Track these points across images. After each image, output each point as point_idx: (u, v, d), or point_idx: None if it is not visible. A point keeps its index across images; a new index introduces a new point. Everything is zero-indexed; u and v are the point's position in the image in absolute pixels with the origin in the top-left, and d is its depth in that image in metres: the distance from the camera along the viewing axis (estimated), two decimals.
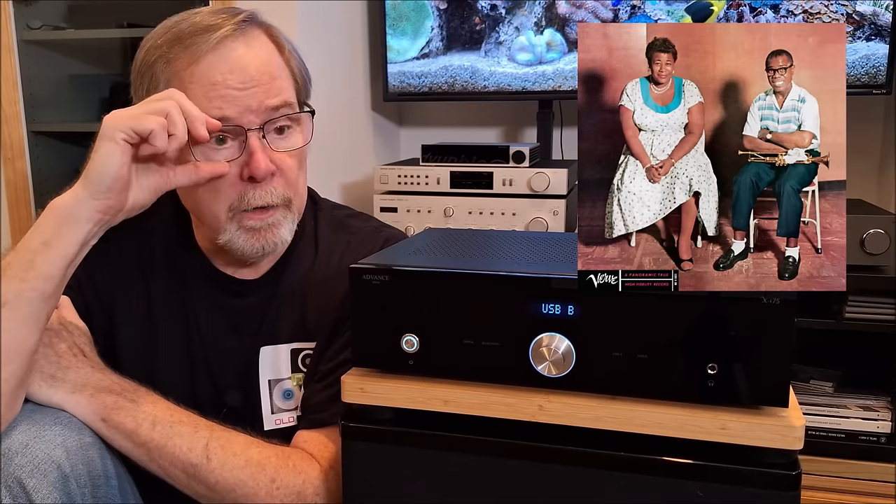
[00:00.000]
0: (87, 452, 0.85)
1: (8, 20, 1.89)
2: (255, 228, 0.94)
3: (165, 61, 0.91)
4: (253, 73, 0.90)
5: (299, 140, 0.97)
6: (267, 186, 0.93)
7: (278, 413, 1.03)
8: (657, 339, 0.75)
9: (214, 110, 0.88)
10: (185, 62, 0.90)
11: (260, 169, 0.90)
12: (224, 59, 0.90)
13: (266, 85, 0.91)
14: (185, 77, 0.90)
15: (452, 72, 1.97)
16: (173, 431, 0.89)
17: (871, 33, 1.71)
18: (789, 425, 0.72)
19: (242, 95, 0.90)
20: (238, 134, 0.91)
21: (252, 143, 0.91)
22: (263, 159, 0.91)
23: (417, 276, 0.81)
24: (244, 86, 0.90)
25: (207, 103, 0.89)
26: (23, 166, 1.97)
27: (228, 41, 0.90)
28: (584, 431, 0.77)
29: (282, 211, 0.96)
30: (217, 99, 0.89)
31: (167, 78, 0.91)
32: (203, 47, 0.89)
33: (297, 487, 0.90)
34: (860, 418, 1.62)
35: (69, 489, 0.81)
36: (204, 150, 0.90)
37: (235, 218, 0.94)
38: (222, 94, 0.89)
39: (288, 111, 0.94)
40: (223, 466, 0.88)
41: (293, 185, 0.97)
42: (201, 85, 0.89)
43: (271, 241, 0.95)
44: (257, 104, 0.91)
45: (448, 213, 1.75)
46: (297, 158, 0.97)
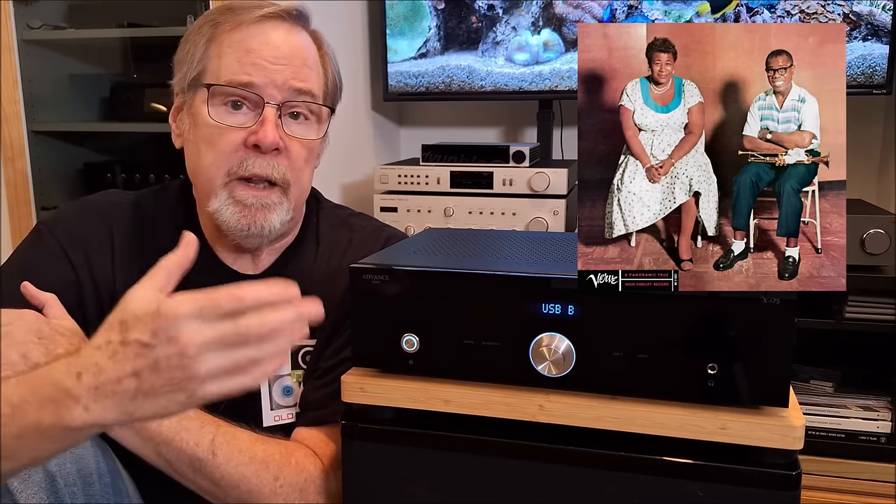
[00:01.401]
0: (76, 450, 0.84)
1: (8, 20, 1.89)
2: (246, 204, 0.94)
3: (213, 24, 0.96)
4: (286, 52, 0.95)
5: (313, 133, 0.99)
6: (270, 159, 0.94)
7: (277, 409, 1.03)
8: (657, 339, 0.75)
9: (243, 75, 0.93)
10: (228, 27, 0.95)
11: (267, 138, 0.92)
12: (264, 34, 0.95)
13: (296, 68, 0.95)
14: (225, 40, 0.95)
15: (449, 72, 1.97)
16: (180, 426, 0.88)
17: (868, 33, 1.71)
18: (789, 425, 0.72)
19: (271, 68, 0.94)
20: (257, 105, 0.94)
21: (266, 114, 0.93)
22: (272, 131, 0.93)
23: (417, 275, 0.81)
24: (275, 61, 0.94)
25: (238, 68, 0.93)
26: (23, 166, 1.97)
27: (273, 20, 0.96)
28: (585, 431, 0.77)
29: (278, 195, 0.96)
30: (248, 65, 0.93)
31: (209, 38, 0.96)
32: (248, 17, 0.95)
33: (299, 485, 0.91)
34: (860, 418, 1.62)
35: (56, 489, 0.81)
36: (218, 109, 0.94)
37: (229, 185, 0.94)
38: (254, 61, 0.93)
39: (309, 99, 0.97)
40: (228, 462, 0.89)
41: (297, 171, 0.97)
42: (236, 50, 0.94)
43: (259, 222, 0.95)
44: (283, 81, 0.94)
45: (448, 212, 1.75)
46: (307, 150, 0.98)
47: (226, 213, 0.95)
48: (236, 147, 0.94)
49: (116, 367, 0.64)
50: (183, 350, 0.63)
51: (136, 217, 1.04)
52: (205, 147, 0.95)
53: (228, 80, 0.94)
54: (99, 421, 0.65)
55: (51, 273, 0.97)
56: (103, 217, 1.03)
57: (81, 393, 0.65)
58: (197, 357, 0.63)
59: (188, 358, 0.63)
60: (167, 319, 0.63)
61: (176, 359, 0.63)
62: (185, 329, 0.63)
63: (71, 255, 0.99)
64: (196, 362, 0.63)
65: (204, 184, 0.97)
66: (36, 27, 1.95)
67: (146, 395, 0.64)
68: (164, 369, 0.63)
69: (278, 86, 0.94)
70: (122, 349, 0.64)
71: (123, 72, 2.14)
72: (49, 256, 0.99)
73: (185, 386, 0.64)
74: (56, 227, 1.01)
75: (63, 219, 1.03)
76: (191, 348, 0.62)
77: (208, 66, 0.96)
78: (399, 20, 1.97)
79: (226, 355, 0.64)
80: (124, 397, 0.64)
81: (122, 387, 0.64)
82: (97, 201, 1.05)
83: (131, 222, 1.03)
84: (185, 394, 0.64)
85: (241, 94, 0.93)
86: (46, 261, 0.99)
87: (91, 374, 0.65)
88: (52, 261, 0.99)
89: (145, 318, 0.64)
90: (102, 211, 1.03)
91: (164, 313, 0.63)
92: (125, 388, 0.64)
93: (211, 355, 0.63)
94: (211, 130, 0.94)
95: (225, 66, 0.94)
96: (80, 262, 0.99)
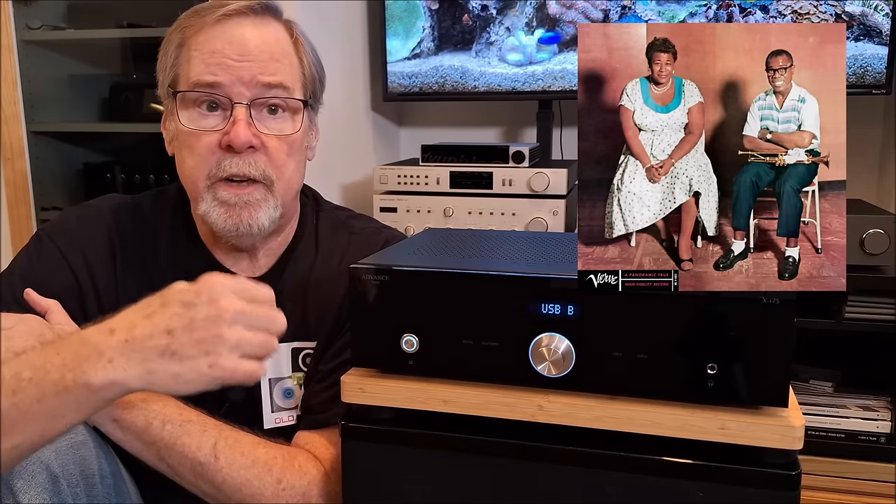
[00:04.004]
0: (79, 451, 0.84)
1: (8, 20, 1.89)
2: (230, 204, 0.94)
3: (181, 30, 0.97)
4: (251, 48, 0.94)
5: (289, 127, 0.98)
6: (247, 157, 0.94)
7: (278, 412, 1.03)
8: (657, 339, 0.75)
9: (209, 76, 0.93)
10: (194, 30, 0.96)
11: (238, 138, 0.92)
12: (228, 32, 0.94)
13: (263, 62, 0.94)
14: (192, 44, 0.95)
15: (443, 72, 1.97)
16: (182, 430, 0.89)
17: (860, 33, 1.71)
18: (789, 425, 0.72)
19: (237, 66, 0.93)
20: (226, 106, 0.94)
21: (236, 114, 0.93)
22: (244, 130, 0.93)
23: (417, 276, 0.81)
24: (241, 58, 0.93)
25: (204, 69, 0.93)
26: (22, 166, 1.97)
27: (238, 18, 0.95)
28: (584, 431, 0.77)
29: (261, 191, 0.95)
30: (213, 66, 0.93)
31: (178, 43, 0.97)
32: (210, 18, 0.95)
33: (302, 489, 0.91)
34: (860, 418, 1.62)
35: (59, 489, 0.81)
36: (191, 114, 0.94)
37: (212, 188, 0.95)
38: (219, 61, 0.93)
39: (281, 93, 0.96)
40: (230, 466, 0.89)
41: (278, 166, 0.96)
42: (202, 52, 0.94)
43: (246, 220, 0.95)
44: (250, 77, 0.93)
45: (448, 213, 1.75)
46: (286, 144, 0.97)
47: (213, 214, 0.95)
48: (212, 150, 0.94)
49: (151, 323, 0.70)
50: (221, 313, 0.70)
51: (136, 220, 1.04)
52: (186, 152, 0.96)
53: (195, 83, 0.94)
54: (120, 378, 0.69)
55: (52, 279, 0.97)
56: (103, 222, 1.03)
57: (110, 346, 0.70)
58: (231, 323, 0.71)
59: (223, 321, 0.70)
60: (212, 284, 0.72)
61: (213, 320, 0.70)
62: (225, 296, 0.71)
63: (71, 261, 0.99)
64: (229, 327, 0.71)
65: (191, 188, 0.98)
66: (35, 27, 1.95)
67: (172, 356, 0.70)
68: (198, 328, 0.70)
69: (246, 82, 0.93)
70: (162, 310, 0.71)
71: (123, 72, 2.14)
72: (49, 263, 0.99)
73: (211, 350, 0.70)
74: (56, 234, 1.01)
75: (62, 225, 1.03)
76: (228, 312, 0.71)
77: (179, 73, 0.96)
78: (393, 20, 1.97)
79: (252, 332, 0.72)
80: (151, 353, 0.70)
81: (152, 342, 0.70)
82: (96, 206, 1.05)
83: (131, 226, 1.03)
84: (208, 360, 0.70)
85: (209, 96, 0.93)
86: (47, 267, 0.99)
87: (124, 329, 0.71)
88: (52, 267, 0.99)
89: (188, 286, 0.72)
90: (102, 215, 1.03)
91: (208, 280, 0.72)
92: (155, 344, 0.70)
93: (240, 327, 0.71)
94: (188, 136, 0.95)
95: (193, 69, 0.94)
96: (81, 267, 0.99)
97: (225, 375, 0.71)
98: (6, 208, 1.99)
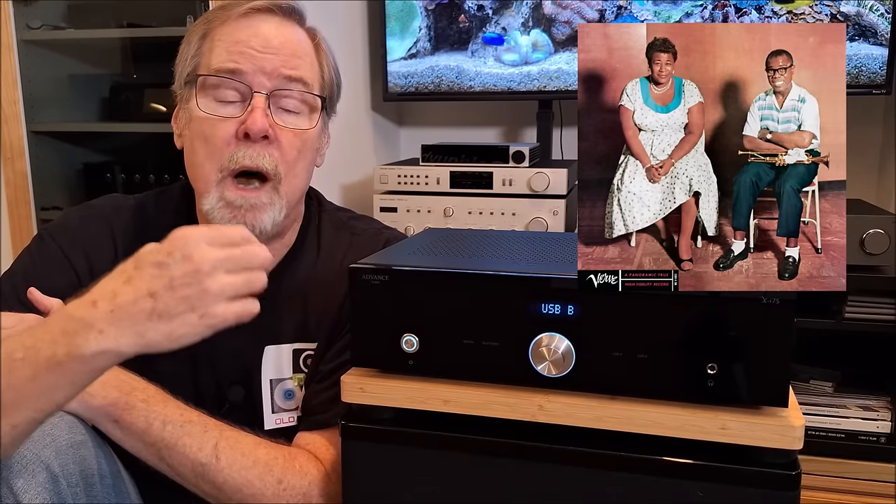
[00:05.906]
0: (79, 451, 0.84)
1: (8, 20, 1.89)
2: (237, 206, 0.94)
3: (206, 21, 0.99)
4: (275, 43, 0.95)
5: (305, 123, 0.98)
6: (260, 149, 0.94)
7: (279, 413, 1.03)
8: (657, 339, 0.75)
9: (231, 63, 0.94)
10: (219, 22, 0.97)
11: (256, 124, 0.92)
12: (253, 25, 0.96)
13: (285, 56, 0.96)
14: (216, 34, 0.96)
15: (438, 72, 1.98)
16: (183, 431, 0.88)
17: (855, 34, 1.71)
18: (789, 425, 0.72)
19: (260, 56, 0.94)
20: (246, 95, 0.94)
21: (255, 102, 0.93)
22: (261, 118, 0.93)
23: (417, 276, 0.81)
24: (265, 49, 0.95)
25: (227, 57, 0.94)
26: (22, 166, 1.97)
27: (264, 14, 0.97)
28: (584, 431, 0.77)
29: (268, 194, 0.95)
30: (236, 54, 0.94)
31: (202, 35, 0.98)
32: (236, 12, 0.96)
33: (303, 489, 0.91)
34: (860, 418, 1.62)
35: (59, 489, 0.81)
36: (209, 101, 0.94)
37: (221, 184, 0.94)
38: (241, 50, 0.94)
39: (301, 87, 0.97)
40: (231, 466, 0.89)
41: (289, 163, 0.96)
42: (225, 41, 0.95)
43: (250, 222, 0.94)
44: (272, 68, 0.94)
45: (448, 213, 1.75)
46: (300, 141, 0.97)
47: (217, 215, 0.95)
48: (228, 140, 0.93)
49: (132, 289, 0.69)
50: (198, 266, 0.69)
51: (138, 220, 1.03)
52: (198, 142, 0.95)
53: (217, 69, 0.94)
54: (112, 346, 0.69)
55: (54, 279, 0.97)
56: (105, 221, 1.03)
57: (97, 318, 0.69)
58: (211, 273, 0.69)
59: (203, 274, 0.69)
60: (182, 240, 0.69)
61: (191, 276, 0.68)
62: (198, 248, 0.69)
63: (73, 261, 0.99)
64: (210, 278, 0.69)
65: (199, 181, 0.97)
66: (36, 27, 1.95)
67: (160, 317, 0.69)
68: (179, 286, 0.68)
69: (267, 73, 0.94)
70: (137, 273, 0.70)
71: (123, 72, 2.14)
72: (51, 262, 0.99)
73: (197, 304, 0.69)
74: (58, 233, 1.01)
75: (64, 224, 1.03)
76: (205, 264, 0.69)
77: (201, 61, 0.97)
78: (390, 20, 1.97)
79: (233, 276, 0.71)
80: (139, 318, 0.68)
81: (137, 307, 0.68)
82: (98, 206, 1.05)
83: (133, 225, 1.03)
84: (197, 313, 0.69)
85: (230, 83, 0.93)
86: (49, 267, 0.99)
87: (106, 299, 0.69)
88: (54, 267, 0.99)
89: (158, 246, 0.70)
90: (104, 215, 1.03)
91: (178, 236, 0.70)
92: (140, 309, 0.68)
93: (221, 274, 0.70)
94: (203, 124, 0.94)
95: (215, 56, 0.95)
96: (83, 267, 0.99)
97: (217, 322, 0.70)
98: (6, 208, 1.99)
